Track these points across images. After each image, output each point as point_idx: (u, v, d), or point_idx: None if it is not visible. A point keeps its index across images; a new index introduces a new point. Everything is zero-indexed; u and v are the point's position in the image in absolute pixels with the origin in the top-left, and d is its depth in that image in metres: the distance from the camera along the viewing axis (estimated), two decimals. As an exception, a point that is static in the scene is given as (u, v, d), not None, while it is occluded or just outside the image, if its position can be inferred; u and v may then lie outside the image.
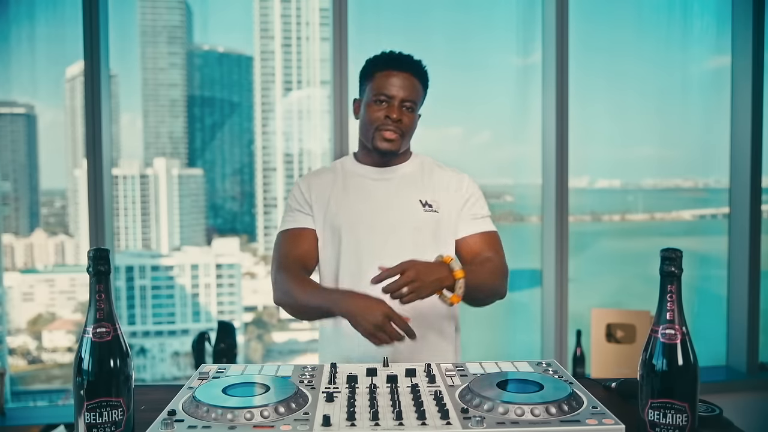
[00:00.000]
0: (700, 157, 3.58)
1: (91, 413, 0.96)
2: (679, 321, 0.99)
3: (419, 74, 1.69)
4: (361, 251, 1.65)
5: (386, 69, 1.67)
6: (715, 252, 3.45)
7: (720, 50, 3.34)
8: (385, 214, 1.67)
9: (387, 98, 1.65)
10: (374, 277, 1.40)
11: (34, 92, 3.29)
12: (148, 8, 4.06)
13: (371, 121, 1.67)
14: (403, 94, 1.65)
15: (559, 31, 2.97)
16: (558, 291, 3.03)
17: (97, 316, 0.98)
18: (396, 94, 1.64)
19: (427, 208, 1.69)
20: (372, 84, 1.68)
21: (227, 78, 4.21)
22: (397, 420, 0.98)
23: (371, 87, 1.68)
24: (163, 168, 4.13)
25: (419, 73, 1.69)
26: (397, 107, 1.64)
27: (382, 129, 1.65)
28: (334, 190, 1.72)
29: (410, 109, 1.67)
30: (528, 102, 3.19)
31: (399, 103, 1.65)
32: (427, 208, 1.68)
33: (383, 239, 1.65)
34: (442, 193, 1.71)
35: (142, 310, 4.09)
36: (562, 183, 3.02)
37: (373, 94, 1.67)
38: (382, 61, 1.69)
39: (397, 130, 1.65)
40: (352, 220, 1.67)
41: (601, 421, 0.98)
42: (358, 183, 1.72)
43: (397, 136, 1.65)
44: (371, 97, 1.68)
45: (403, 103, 1.65)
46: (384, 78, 1.66)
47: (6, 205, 3.57)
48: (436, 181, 1.73)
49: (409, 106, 1.66)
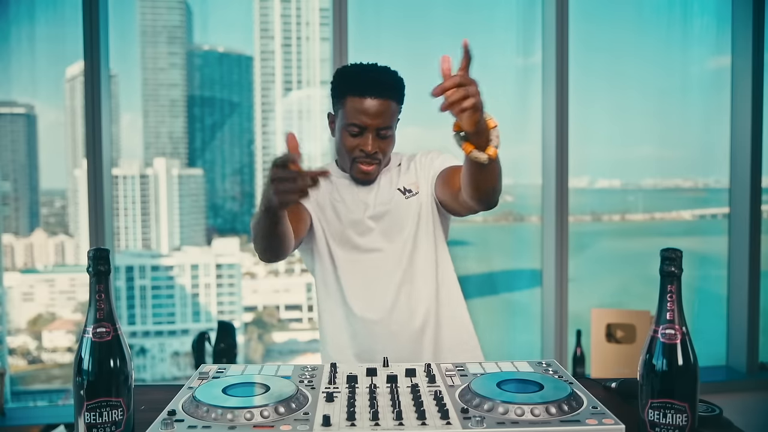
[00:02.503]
0: (700, 157, 3.58)
1: (91, 413, 0.96)
2: (679, 321, 0.99)
3: (393, 93, 1.60)
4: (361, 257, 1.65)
5: (358, 94, 1.57)
6: (715, 252, 3.45)
7: (720, 50, 3.34)
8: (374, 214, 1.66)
9: (359, 129, 1.58)
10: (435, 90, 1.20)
11: (34, 92, 3.30)
12: (148, 8, 4.06)
13: (347, 151, 1.62)
14: (378, 122, 1.57)
15: (559, 31, 2.97)
16: (558, 291, 3.03)
17: (97, 316, 0.98)
18: (370, 123, 1.57)
19: (408, 194, 1.68)
20: (344, 109, 1.60)
21: (227, 78, 4.21)
22: (397, 420, 0.98)
23: (343, 112, 1.60)
24: (163, 168, 4.14)
25: (393, 92, 1.60)
26: (372, 139, 1.58)
27: (358, 161, 1.62)
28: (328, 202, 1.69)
29: (385, 135, 1.60)
30: (528, 102, 3.19)
31: (374, 134, 1.58)
32: (407, 195, 1.68)
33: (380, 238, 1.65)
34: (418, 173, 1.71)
35: (142, 310, 4.09)
36: (562, 183, 3.02)
37: (345, 122, 1.60)
38: (352, 83, 1.59)
39: (374, 161, 1.62)
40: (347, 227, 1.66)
41: (601, 421, 0.98)
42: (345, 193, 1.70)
43: (375, 166, 1.63)
44: (344, 124, 1.60)
45: (379, 132, 1.59)
46: (356, 105, 1.57)
47: (6, 205, 3.57)
48: (411, 168, 1.72)
49: (383, 133, 1.59)
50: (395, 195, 1.69)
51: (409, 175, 1.72)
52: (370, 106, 1.56)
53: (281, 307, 4.27)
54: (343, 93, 1.60)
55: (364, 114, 1.56)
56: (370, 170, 1.63)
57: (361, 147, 1.59)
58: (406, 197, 1.68)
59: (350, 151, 1.61)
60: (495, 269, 3.58)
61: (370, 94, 1.56)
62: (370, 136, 1.58)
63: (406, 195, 1.69)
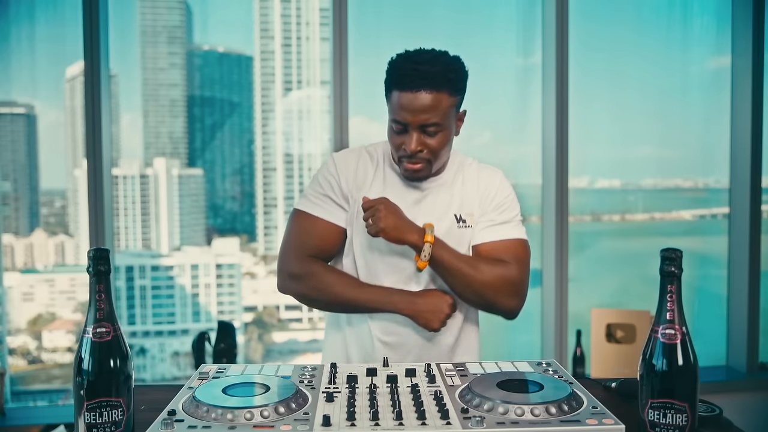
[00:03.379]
0: (700, 157, 3.58)
1: (91, 413, 0.96)
2: (679, 321, 0.99)
3: (445, 84, 1.43)
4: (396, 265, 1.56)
5: (399, 88, 1.43)
6: (715, 252, 3.45)
7: (720, 50, 3.34)
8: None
9: (403, 125, 1.45)
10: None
11: (34, 92, 3.29)
12: (148, 8, 4.06)
13: (393, 147, 1.51)
14: (422, 118, 1.42)
15: (559, 31, 2.97)
16: (558, 291, 3.03)
17: (97, 316, 0.98)
18: (412, 120, 1.43)
19: (461, 224, 1.56)
20: (390, 104, 1.48)
21: (227, 78, 4.21)
22: (397, 420, 0.98)
23: (389, 107, 1.49)
24: (163, 168, 4.13)
25: (445, 83, 1.43)
26: (416, 138, 1.44)
27: (404, 160, 1.50)
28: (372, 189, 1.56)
29: (434, 133, 1.45)
30: (528, 102, 3.19)
31: (418, 130, 1.44)
32: (461, 224, 1.56)
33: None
34: (476, 203, 1.57)
35: (142, 310, 4.09)
36: (562, 183, 3.02)
37: (390, 118, 1.49)
38: (394, 75, 1.45)
39: (420, 160, 1.48)
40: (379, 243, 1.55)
41: (601, 421, 0.98)
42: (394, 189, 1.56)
43: (423, 165, 1.49)
44: (389, 120, 1.49)
45: (425, 128, 1.44)
46: (398, 100, 1.43)
47: (6, 205, 3.57)
48: (471, 190, 1.58)
49: (432, 131, 1.44)
50: (449, 220, 1.56)
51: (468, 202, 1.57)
52: (411, 101, 1.41)
53: (281, 307, 4.27)
54: (389, 86, 1.48)
55: (405, 110, 1.42)
56: (417, 168, 1.49)
57: (404, 145, 1.46)
58: (458, 226, 1.56)
59: (396, 149, 1.50)
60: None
61: (411, 88, 1.41)
62: (414, 135, 1.44)
63: (459, 224, 1.56)
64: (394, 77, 1.45)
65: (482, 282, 1.48)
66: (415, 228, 1.47)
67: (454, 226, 1.56)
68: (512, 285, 1.51)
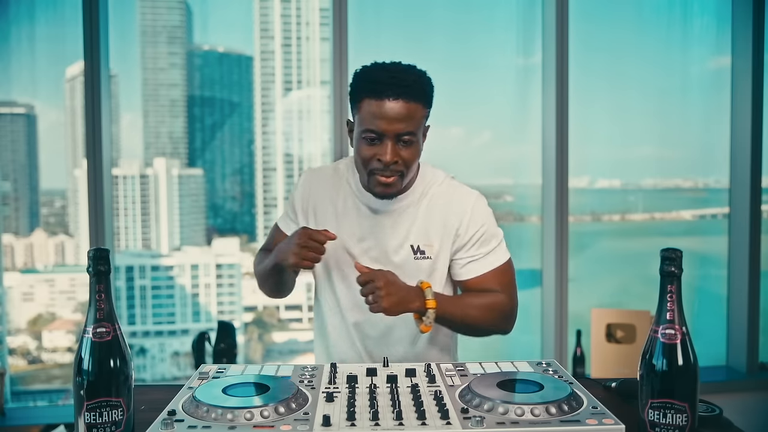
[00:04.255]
0: (700, 157, 3.58)
1: (91, 413, 0.96)
2: (679, 321, 0.99)
3: (418, 95, 1.39)
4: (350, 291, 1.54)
5: (375, 96, 1.37)
6: (715, 252, 3.45)
7: (720, 50, 3.34)
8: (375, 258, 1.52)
9: (377, 135, 1.38)
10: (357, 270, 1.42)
11: (34, 92, 3.29)
12: (148, 8, 4.05)
13: (362, 161, 1.43)
14: (398, 128, 1.37)
15: (559, 31, 2.97)
16: (558, 291, 3.03)
17: (97, 316, 0.98)
18: (387, 129, 1.37)
19: (419, 255, 1.50)
20: (359, 114, 1.41)
21: (227, 78, 4.21)
22: (397, 420, 0.98)
23: (359, 117, 1.42)
24: (163, 168, 4.13)
25: (417, 93, 1.39)
26: (391, 147, 1.38)
27: (376, 173, 1.42)
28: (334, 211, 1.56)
29: (409, 142, 1.40)
30: (528, 102, 3.19)
31: (393, 140, 1.38)
32: (418, 255, 1.50)
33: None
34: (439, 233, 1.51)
35: (142, 310, 4.09)
36: (562, 183, 3.02)
37: (361, 129, 1.41)
38: (369, 84, 1.39)
39: (394, 173, 1.41)
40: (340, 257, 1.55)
41: (601, 421, 0.98)
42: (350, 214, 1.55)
43: (396, 178, 1.42)
44: (360, 131, 1.41)
45: (400, 138, 1.39)
46: (372, 109, 1.37)
47: (6, 205, 3.57)
48: (435, 218, 1.51)
49: (406, 139, 1.39)
50: (405, 251, 1.51)
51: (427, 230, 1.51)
52: (389, 109, 1.36)
53: (281, 307, 4.27)
54: (359, 96, 1.41)
55: (381, 118, 1.36)
56: (390, 182, 1.42)
57: (378, 156, 1.39)
58: (415, 258, 1.51)
59: (366, 162, 1.42)
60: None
61: (389, 96, 1.36)
62: (389, 144, 1.38)
63: (416, 255, 1.51)
64: (368, 86, 1.39)
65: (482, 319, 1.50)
66: (415, 293, 1.40)
67: (410, 258, 1.51)
68: (504, 313, 1.53)
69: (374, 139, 1.39)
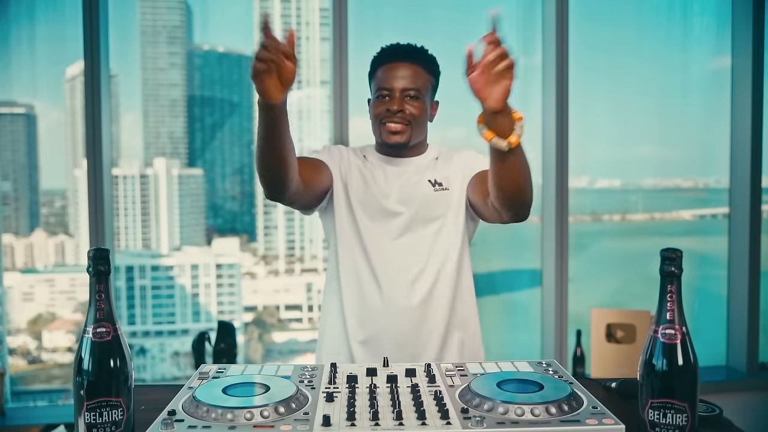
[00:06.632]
0: (700, 157, 3.58)
1: (91, 413, 0.96)
2: (679, 321, 0.99)
3: (422, 61, 1.66)
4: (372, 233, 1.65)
5: (386, 62, 1.66)
6: (715, 252, 3.45)
7: (720, 50, 3.34)
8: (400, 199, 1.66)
9: (388, 91, 1.63)
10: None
11: (34, 92, 3.29)
12: (148, 8, 4.06)
13: (376, 116, 1.66)
14: (404, 83, 1.62)
15: (559, 31, 2.97)
16: (558, 291, 3.03)
17: (97, 316, 0.98)
18: (395, 85, 1.63)
19: (437, 187, 1.67)
20: (374, 81, 1.69)
21: (227, 78, 4.21)
22: (397, 420, 0.98)
23: (374, 84, 1.69)
24: (163, 168, 4.14)
25: (422, 59, 1.66)
26: (399, 98, 1.62)
27: (385, 122, 1.64)
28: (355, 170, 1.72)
29: (414, 98, 1.63)
30: (528, 102, 3.19)
31: (400, 94, 1.63)
32: (437, 188, 1.67)
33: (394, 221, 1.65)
34: (457, 171, 1.69)
35: (142, 310, 4.09)
36: (562, 183, 3.02)
37: (375, 90, 1.68)
38: (382, 55, 1.69)
39: (401, 121, 1.63)
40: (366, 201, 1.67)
41: (601, 421, 0.98)
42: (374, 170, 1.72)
43: (403, 126, 1.63)
44: (374, 93, 1.68)
45: (406, 93, 1.63)
46: (384, 72, 1.65)
47: (6, 205, 3.57)
48: (450, 163, 1.71)
49: (412, 95, 1.63)
50: (423, 185, 1.68)
51: (443, 170, 1.71)
52: (397, 69, 1.62)
53: (281, 307, 4.27)
54: (375, 66, 1.68)
55: (391, 78, 1.62)
56: (399, 129, 1.63)
57: (388, 107, 1.63)
58: (435, 190, 1.68)
59: (378, 115, 1.65)
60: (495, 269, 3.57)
61: (397, 59, 1.64)
62: (396, 97, 1.62)
63: (435, 188, 1.68)
64: (379, 58, 1.68)
65: (529, 174, 1.45)
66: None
67: (431, 191, 1.67)
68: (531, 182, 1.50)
69: (386, 95, 1.63)
